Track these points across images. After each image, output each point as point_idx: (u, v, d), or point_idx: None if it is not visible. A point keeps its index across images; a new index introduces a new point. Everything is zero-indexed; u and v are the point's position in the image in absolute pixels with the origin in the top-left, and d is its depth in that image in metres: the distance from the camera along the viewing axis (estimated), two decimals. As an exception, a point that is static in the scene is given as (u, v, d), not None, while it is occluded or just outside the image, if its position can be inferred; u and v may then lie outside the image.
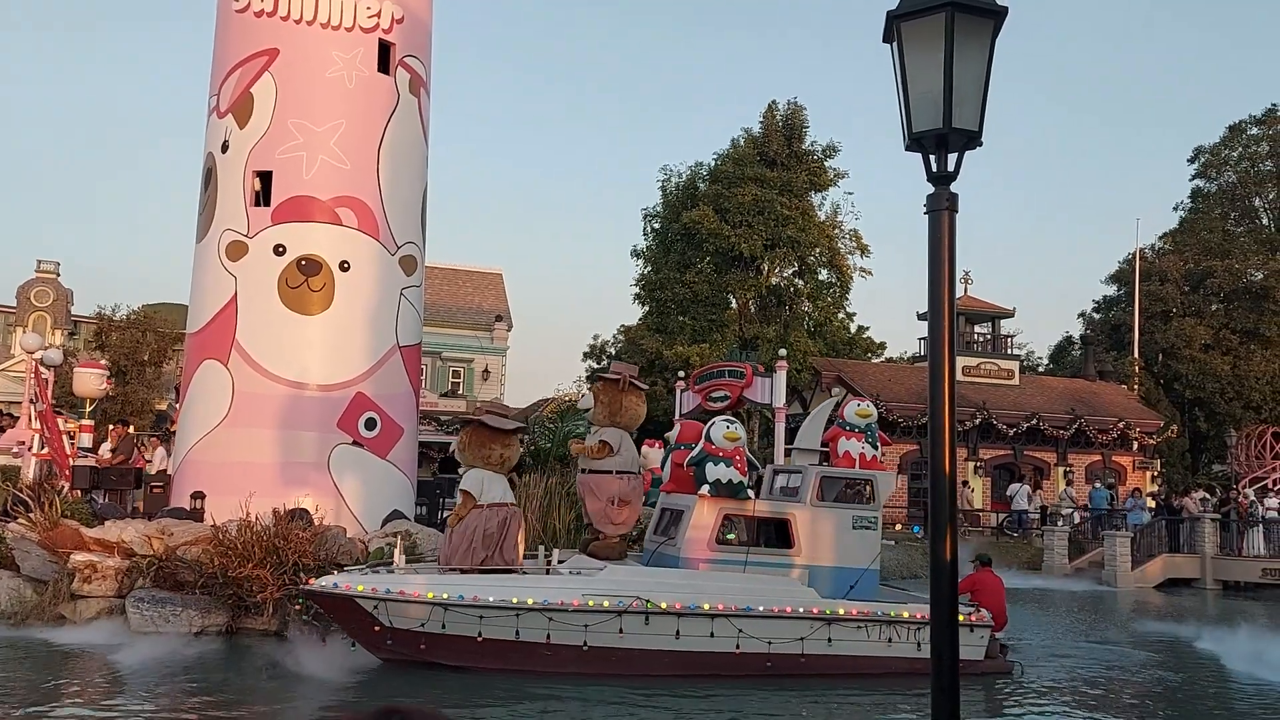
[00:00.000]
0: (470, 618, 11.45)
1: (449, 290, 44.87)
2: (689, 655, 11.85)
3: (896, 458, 33.67)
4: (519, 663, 11.50)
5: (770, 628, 12.09)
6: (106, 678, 11.15)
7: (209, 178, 18.18)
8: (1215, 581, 26.33)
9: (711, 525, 12.72)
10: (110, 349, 35.69)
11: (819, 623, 12.23)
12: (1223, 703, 12.51)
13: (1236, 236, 48.36)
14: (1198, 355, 42.28)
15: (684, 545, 12.74)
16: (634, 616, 11.72)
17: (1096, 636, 17.61)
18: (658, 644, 11.82)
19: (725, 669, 11.93)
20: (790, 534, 13.01)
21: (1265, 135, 48.95)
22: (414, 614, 11.42)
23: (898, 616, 12.58)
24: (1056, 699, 12.07)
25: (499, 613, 11.49)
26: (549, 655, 11.58)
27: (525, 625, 11.57)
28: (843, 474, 13.74)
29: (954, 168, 4.06)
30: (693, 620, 11.90)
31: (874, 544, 13.25)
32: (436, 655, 11.59)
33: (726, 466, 12.76)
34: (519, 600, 11.54)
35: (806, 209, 37.63)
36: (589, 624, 11.58)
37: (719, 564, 12.61)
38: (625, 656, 11.66)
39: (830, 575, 12.78)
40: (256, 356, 17.03)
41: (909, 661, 12.42)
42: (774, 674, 11.95)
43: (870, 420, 14.35)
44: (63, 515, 14.88)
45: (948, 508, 4.07)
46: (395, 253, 18.29)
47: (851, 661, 12.30)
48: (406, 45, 18.82)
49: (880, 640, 12.44)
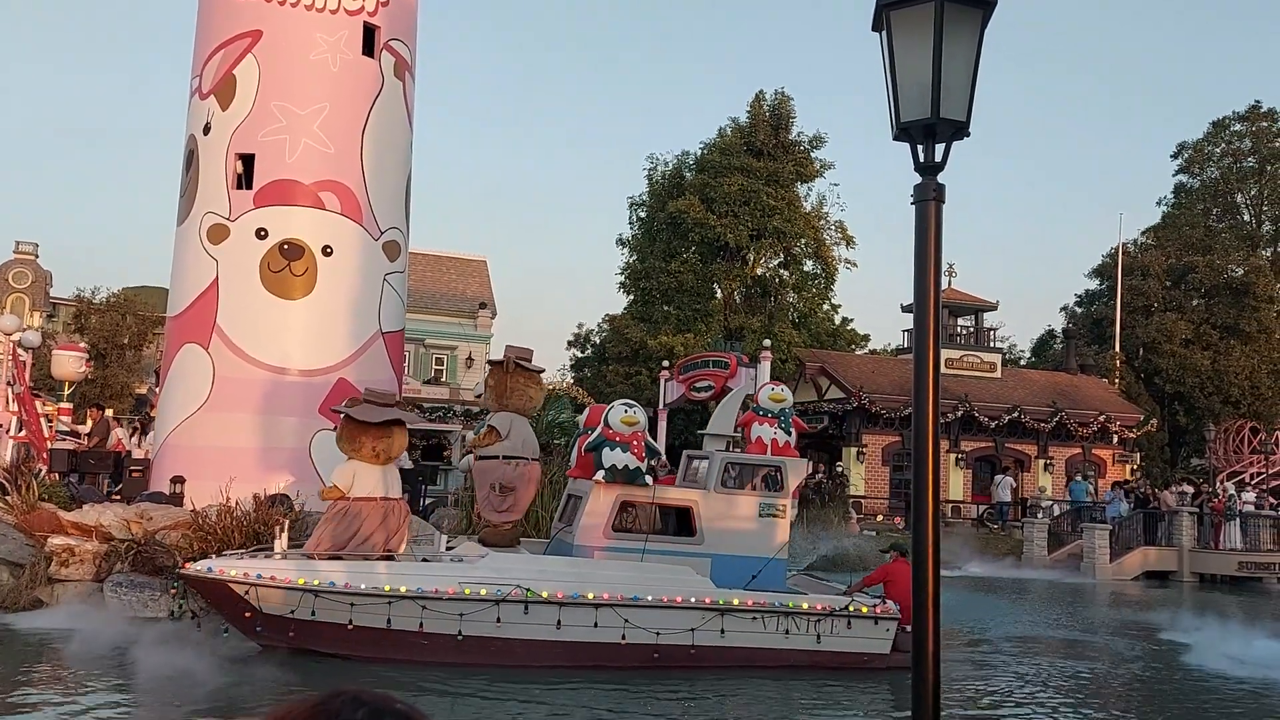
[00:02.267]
0: (341, 605, 11.14)
1: (433, 277, 44.68)
2: (571, 646, 11.49)
3: (879, 449, 33.84)
4: (392, 651, 11.18)
5: (658, 618, 11.70)
6: (79, 662, 11.04)
7: (190, 160, 18.01)
8: (1192, 574, 26.58)
9: (608, 512, 12.31)
10: (90, 331, 35.41)
11: (711, 613, 11.82)
12: (1147, 693, 12.55)
13: (1218, 232, 48.74)
14: (1178, 350, 42.60)
15: (578, 532, 12.39)
16: (513, 606, 11.36)
17: (1052, 625, 17.79)
18: (538, 634, 11.45)
19: (610, 660, 11.53)
20: (692, 522, 12.61)
21: (1248, 131, 49.30)
22: (285, 600, 11.14)
23: (796, 608, 12.12)
24: (960, 694, 11.63)
25: (370, 600, 11.17)
26: (425, 644, 11.23)
27: (397, 613, 11.23)
28: (749, 460, 13.21)
29: (941, 158, 4.04)
30: (576, 610, 11.53)
31: (781, 533, 12.77)
32: (306, 642, 11.31)
33: (623, 452, 12.31)
34: (391, 588, 11.21)
35: (792, 199, 37.66)
36: (464, 613, 11.24)
37: (615, 552, 12.20)
38: (504, 647, 11.31)
39: (733, 564, 12.35)
40: (238, 340, 16.91)
41: (809, 654, 12.04)
42: (662, 665, 11.57)
43: (784, 405, 13.88)
44: (40, 498, 14.74)
45: (930, 499, 4.06)
46: (379, 238, 18.17)
47: (746, 654, 11.90)
48: (391, 29, 18.66)
49: (777, 632, 12.01)
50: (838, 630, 12.16)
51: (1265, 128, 48.95)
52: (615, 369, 38.12)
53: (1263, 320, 43.25)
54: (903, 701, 11.31)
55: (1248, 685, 12.63)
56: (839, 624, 12.17)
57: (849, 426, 34.17)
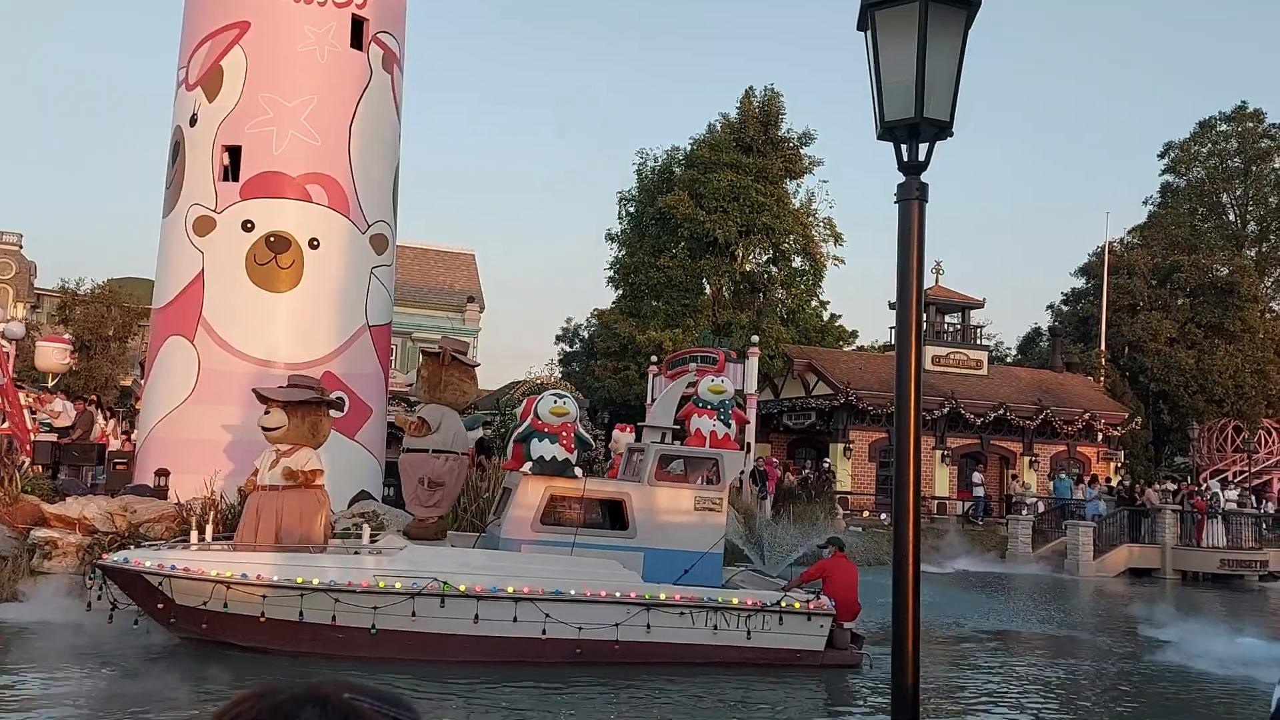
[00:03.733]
0: (253, 597, 11.00)
1: (420, 270, 44.56)
2: (490, 640, 11.25)
3: (866, 445, 33.93)
4: (305, 645, 10.99)
5: (581, 613, 11.44)
6: (59, 655, 10.99)
7: (177, 151, 17.91)
8: (1175, 571, 26.78)
9: (536, 505, 12.09)
10: (74, 323, 35.17)
11: (636, 608, 11.55)
12: (1125, 689, 12.61)
13: (1204, 232, 48.98)
14: (1163, 349, 42.85)
15: (505, 525, 12.20)
16: (428, 599, 11.14)
17: (1034, 620, 17.89)
18: (455, 628, 11.22)
19: (529, 655, 11.29)
20: (625, 515, 12.37)
21: (1234, 132, 49.56)
22: (198, 592, 11.02)
23: (725, 603, 11.83)
24: (938, 690, 11.46)
25: (281, 592, 11.00)
26: (340, 638, 11.02)
27: (310, 606, 11.03)
28: (685, 452, 12.99)
29: (925, 157, 4.06)
30: (494, 604, 11.30)
31: (717, 526, 12.52)
32: (219, 634, 11.16)
33: (551, 443, 12.07)
34: (303, 580, 11.02)
35: (781, 196, 37.67)
36: (378, 606, 11.04)
37: (543, 545, 11.96)
38: (419, 641, 11.09)
39: (667, 559, 12.09)
40: (223, 333, 16.84)
41: (740, 651, 11.77)
42: (585, 662, 11.31)
43: (724, 397, 13.68)
44: (23, 490, 14.67)
45: (911, 493, 4.08)
46: (366, 231, 18.12)
47: (672, 650, 11.63)
48: (380, 21, 18.59)
49: (706, 628, 11.74)
50: (769, 626, 11.90)
51: (1251, 128, 49.22)
52: (604, 364, 38.10)
53: (1247, 320, 43.52)
54: (837, 700, 11.23)
55: (1227, 683, 12.73)
56: (771, 620, 11.90)
57: (836, 423, 34.25)
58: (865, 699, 11.40)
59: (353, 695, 0.99)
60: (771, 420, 36.48)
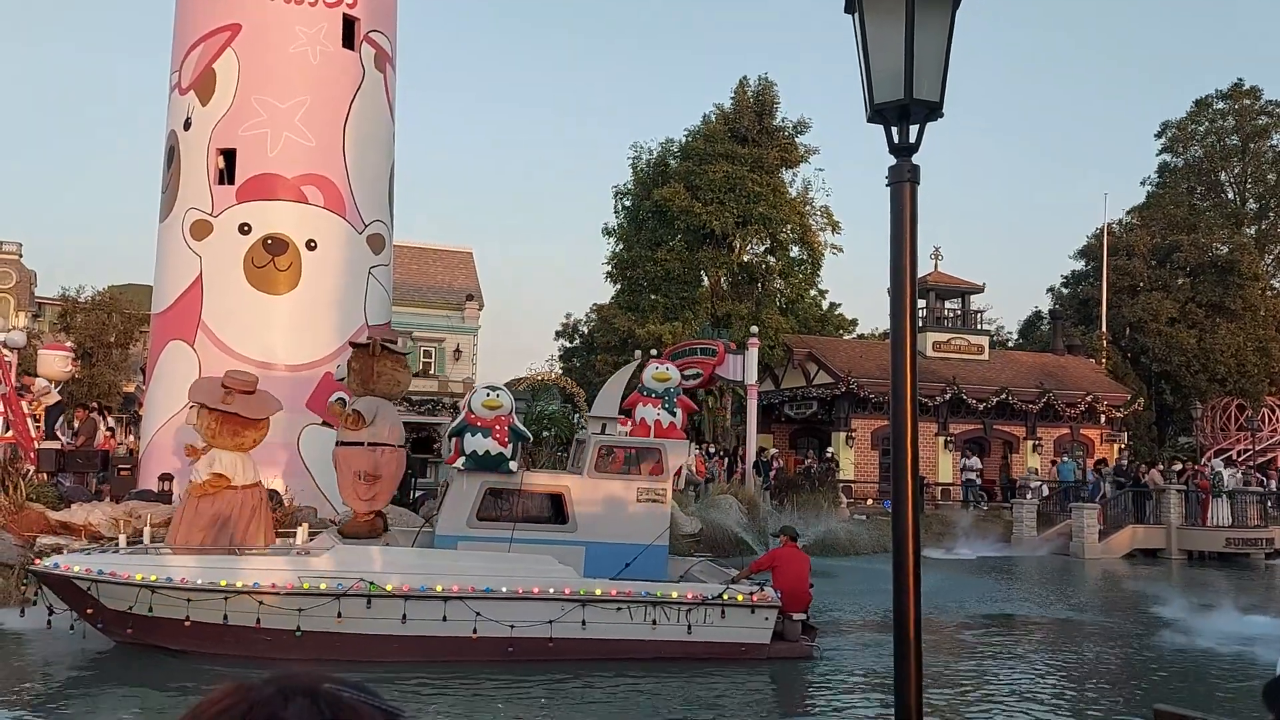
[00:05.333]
0: (178, 600, 10.85)
1: (418, 269, 44.55)
2: (419, 640, 10.98)
3: (868, 433, 33.94)
4: (231, 647, 10.81)
5: (513, 610, 11.14)
6: (66, 663, 11.02)
7: (172, 156, 17.91)
8: (1181, 551, 26.77)
9: (472, 500, 11.84)
10: (75, 330, 35.23)
11: (570, 604, 11.20)
12: (1133, 669, 12.64)
13: (1203, 211, 48.90)
14: (1164, 329, 42.80)
15: (440, 521, 11.99)
16: (354, 600, 10.91)
17: (1040, 603, 17.89)
18: (382, 629, 10.98)
19: (460, 654, 11.00)
20: (565, 508, 12.08)
21: (1231, 110, 49.44)
22: (124, 596, 10.93)
23: (664, 597, 11.48)
24: (840, 685, 11.10)
25: (206, 595, 10.87)
26: (269, 640, 10.84)
27: (234, 609, 10.89)
28: (625, 443, 12.57)
29: (915, 139, 4.05)
30: (422, 603, 11.02)
31: (661, 518, 12.16)
32: (144, 638, 11.08)
33: (484, 437, 11.78)
34: (227, 583, 10.86)
35: (777, 186, 37.60)
36: (303, 608, 10.85)
37: (480, 541, 11.69)
38: (345, 642, 10.86)
39: (609, 552, 11.74)
40: (223, 336, 16.86)
41: (681, 646, 11.45)
42: (518, 660, 11.04)
43: (669, 384, 13.30)
44: (28, 498, 14.69)
45: (909, 478, 4.08)
46: (363, 231, 18.12)
47: (609, 645, 11.29)
48: (371, 20, 18.57)
49: (644, 623, 11.39)
50: (711, 620, 11.55)
51: (1248, 105, 49.10)
52: (604, 359, 38.08)
53: (1248, 298, 43.46)
54: (786, 693, 10.85)
55: (1234, 660, 12.75)
56: (713, 614, 11.54)
57: (838, 411, 34.25)
58: (809, 691, 11.01)
59: (333, 686, 0.97)
60: (773, 410, 36.47)
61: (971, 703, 10.58)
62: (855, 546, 24.56)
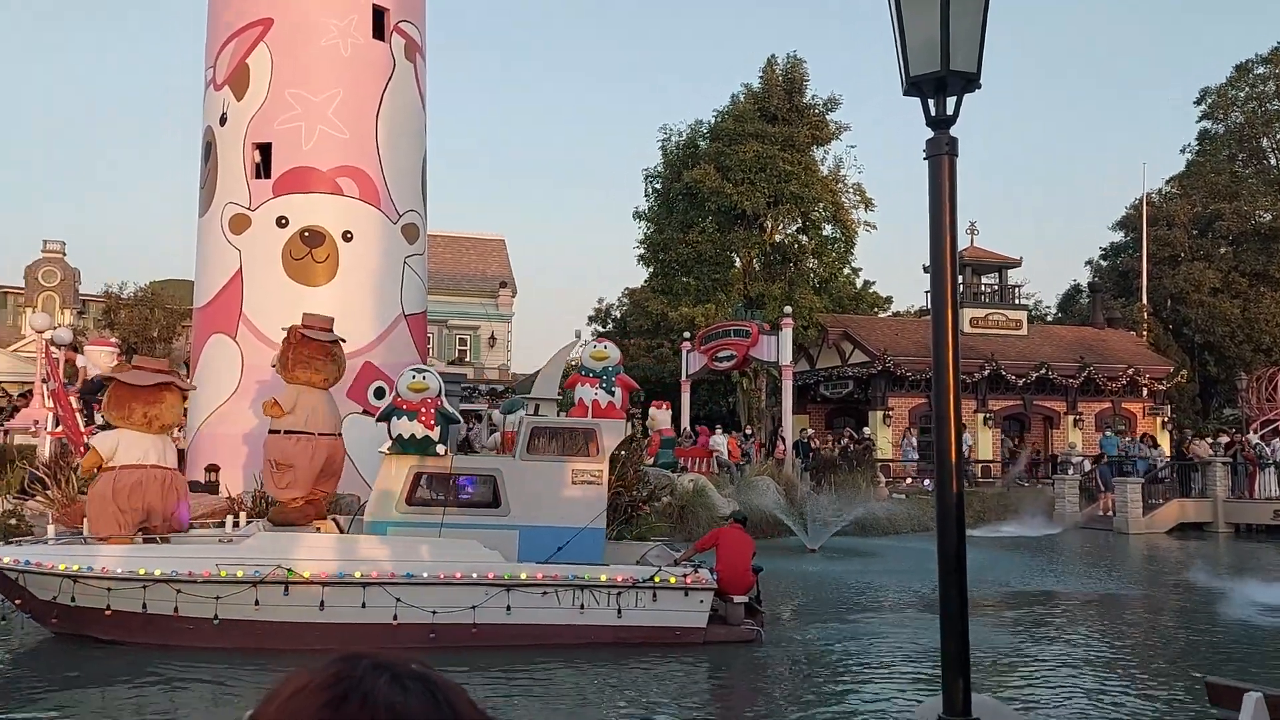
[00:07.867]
0: (98, 590, 10.84)
1: (452, 258, 44.84)
2: (337, 628, 10.80)
3: (905, 411, 33.73)
4: (152, 636, 10.83)
5: (434, 596, 10.97)
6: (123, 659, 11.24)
7: (209, 151, 18.15)
8: (1227, 525, 26.40)
9: (400, 485, 11.70)
10: (119, 326, 35.85)
11: (494, 589, 11.02)
12: (1182, 644, 12.54)
13: (1244, 178, 47.88)
14: (1206, 299, 42.07)
15: (368, 507, 11.91)
16: (272, 587, 10.81)
17: (1085, 579, 17.73)
18: (300, 616, 10.84)
19: (381, 642, 10.59)
20: (497, 492, 11.89)
21: (1272, 74, 48.27)
22: (49, 586, 10.97)
23: (593, 580, 11.20)
24: (779, 672, 10.76)
25: (125, 584, 10.83)
26: (190, 629, 10.81)
27: (152, 597, 10.83)
28: (559, 424, 12.31)
29: (953, 111, 4.03)
30: (341, 590, 10.90)
31: (597, 501, 11.90)
32: (68, 628, 11.08)
33: (410, 420, 11.66)
34: (146, 571, 10.80)
35: (809, 164, 37.32)
36: (220, 595, 10.78)
37: (409, 527, 11.53)
38: (263, 630, 10.74)
39: (543, 536, 11.56)
40: (263, 329, 17.09)
41: (612, 630, 11.19)
42: (441, 647, 10.68)
43: (607, 363, 13.04)
44: (79, 492, 15.01)
45: (951, 456, 4.08)
46: (397, 221, 18.27)
47: (536, 631, 11.10)
48: (401, 10, 18.66)
49: (572, 607, 11.16)
50: (643, 604, 11.29)
51: (1290, 69, 47.94)
52: (637, 342, 38.15)
53: (1292, 266, 42.61)
54: (723, 678, 10.47)
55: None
56: (644, 597, 11.28)
57: (874, 391, 34.07)
58: (742, 677, 10.62)
59: (419, 664, 0.95)
60: (808, 391, 36.35)
61: (1020, 675, 10.55)
62: (895, 526, 24.48)
